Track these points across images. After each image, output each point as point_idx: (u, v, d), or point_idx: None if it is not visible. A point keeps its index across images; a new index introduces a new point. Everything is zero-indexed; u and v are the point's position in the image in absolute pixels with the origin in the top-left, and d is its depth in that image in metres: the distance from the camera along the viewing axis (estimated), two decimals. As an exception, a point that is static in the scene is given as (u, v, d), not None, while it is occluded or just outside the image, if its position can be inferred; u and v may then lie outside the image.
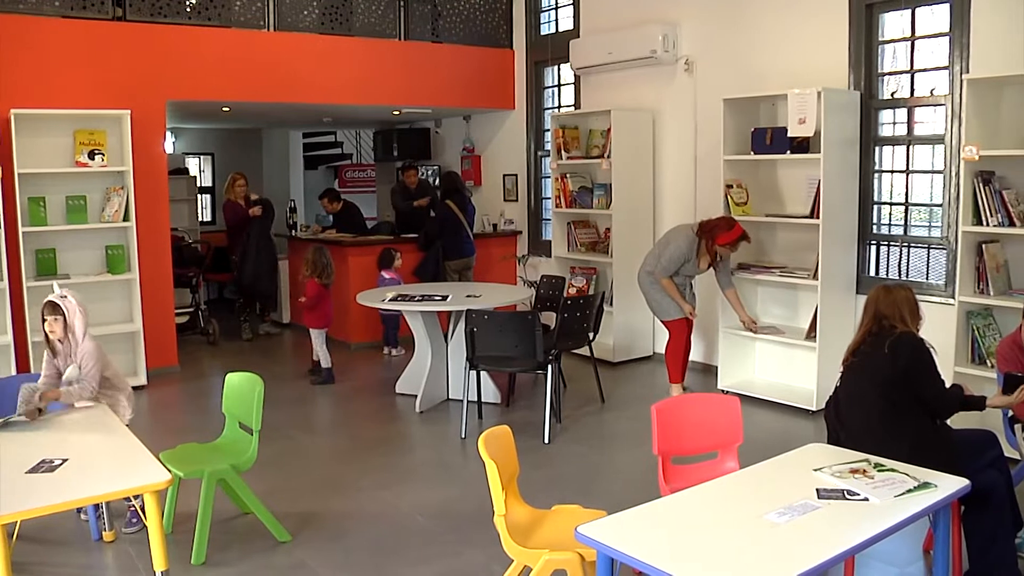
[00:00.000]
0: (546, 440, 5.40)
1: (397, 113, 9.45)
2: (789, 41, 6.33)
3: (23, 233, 6.28)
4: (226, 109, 8.51)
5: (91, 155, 6.51)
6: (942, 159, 5.58)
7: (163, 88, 6.97)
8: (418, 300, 6.19)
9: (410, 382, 6.48)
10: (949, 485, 2.73)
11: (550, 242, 8.23)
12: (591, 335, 6.23)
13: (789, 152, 5.99)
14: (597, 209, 7.62)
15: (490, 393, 6.22)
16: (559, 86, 8.81)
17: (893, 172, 6.01)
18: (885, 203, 6.06)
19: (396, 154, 10.62)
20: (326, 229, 9.16)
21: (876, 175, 6.04)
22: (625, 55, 7.41)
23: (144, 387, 6.78)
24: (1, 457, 3.15)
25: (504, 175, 9.36)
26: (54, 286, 4.14)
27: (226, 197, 8.53)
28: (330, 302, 7.05)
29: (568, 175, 7.81)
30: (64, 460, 3.10)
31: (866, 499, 2.62)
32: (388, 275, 7.72)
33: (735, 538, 2.39)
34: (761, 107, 6.38)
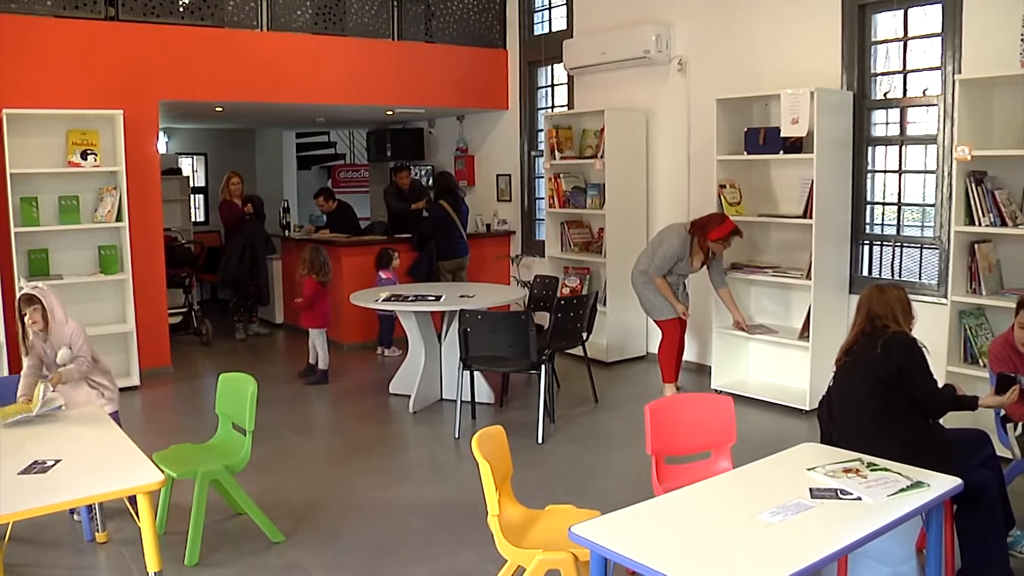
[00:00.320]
0: (540, 440, 5.40)
1: (390, 113, 9.44)
2: (782, 41, 6.34)
3: (15, 233, 6.25)
4: (219, 109, 8.49)
5: (84, 155, 6.49)
6: (935, 159, 5.60)
7: (156, 88, 6.96)
8: (412, 300, 6.18)
9: (404, 382, 6.48)
10: (942, 484, 2.74)
11: (543, 242, 8.23)
12: (584, 335, 6.23)
13: (782, 152, 6.01)
14: (590, 209, 7.62)
15: (484, 393, 6.22)
16: (552, 86, 8.81)
17: (886, 172, 6.02)
18: (878, 203, 6.08)
19: (389, 154, 10.60)
20: (320, 229, 9.15)
21: (869, 175, 6.06)
22: (618, 55, 7.41)
23: (137, 388, 6.76)
24: (-7, 458, 3.13)
25: (498, 175, 9.36)
26: (21, 284, 4.16)
27: (222, 196, 8.52)
28: (328, 301, 7.04)
29: (561, 175, 7.81)
30: (57, 461, 3.09)
31: (859, 498, 2.63)
32: (386, 275, 7.71)
33: (729, 538, 2.40)
34: (754, 107, 6.39)
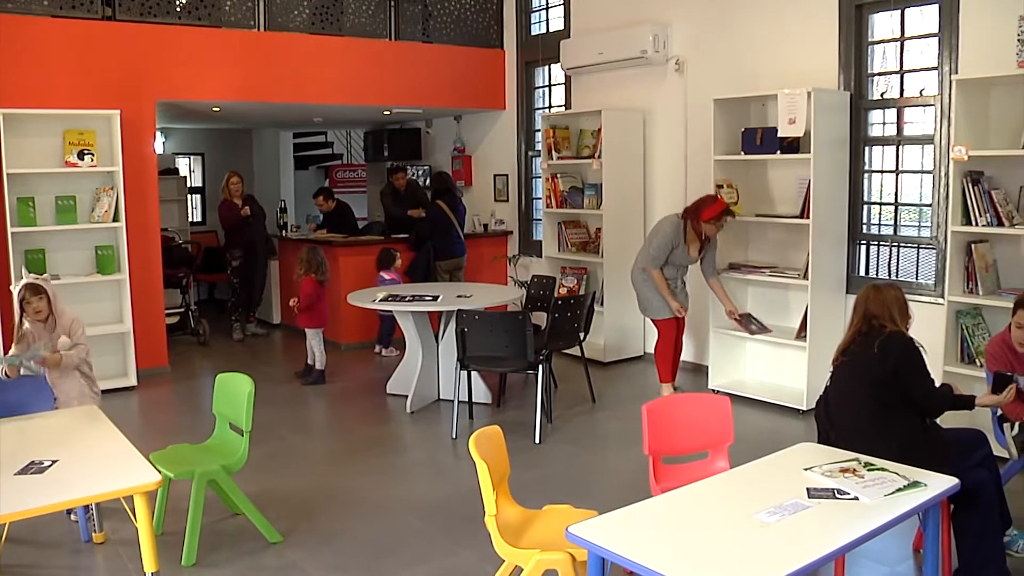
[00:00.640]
0: (537, 440, 5.40)
1: (388, 113, 9.43)
2: (779, 41, 6.35)
3: (12, 233, 6.25)
4: (216, 109, 8.48)
5: (80, 155, 6.48)
6: (931, 159, 5.60)
7: (153, 88, 6.95)
8: (409, 300, 6.18)
9: (401, 382, 6.48)
10: (939, 484, 2.74)
11: (541, 242, 8.23)
12: (582, 335, 6.23)
13: (779, 152, 6.01)
14: (588, 209, 7.62)
15: (481, 393, 6.22)
16: (550, 86, 8.82)
17: (883, 172, 6.03)
18: (875, 203, 6.08)
19: (387, 154, 10.59)
20: (317, 229, 9.14)
21: (866, 175, 6.07)
22: (616, 55, 7.42)
23: (134, 388, 6.76)
24: (-10, 458, 3.13)
25: (495, 175, 9.36)
26: (23, 274, 4.38)
27: (222, 196, 8.50)
28: (325, 301, 7.04)
29: (559, 175, 7.81)
30: (54, 461, 3.09)
31: (856, 498, 2.63)
32: (388, 276, 7.69)
33: (726, 538, 2.40)
34: (751, 107, 6.39)
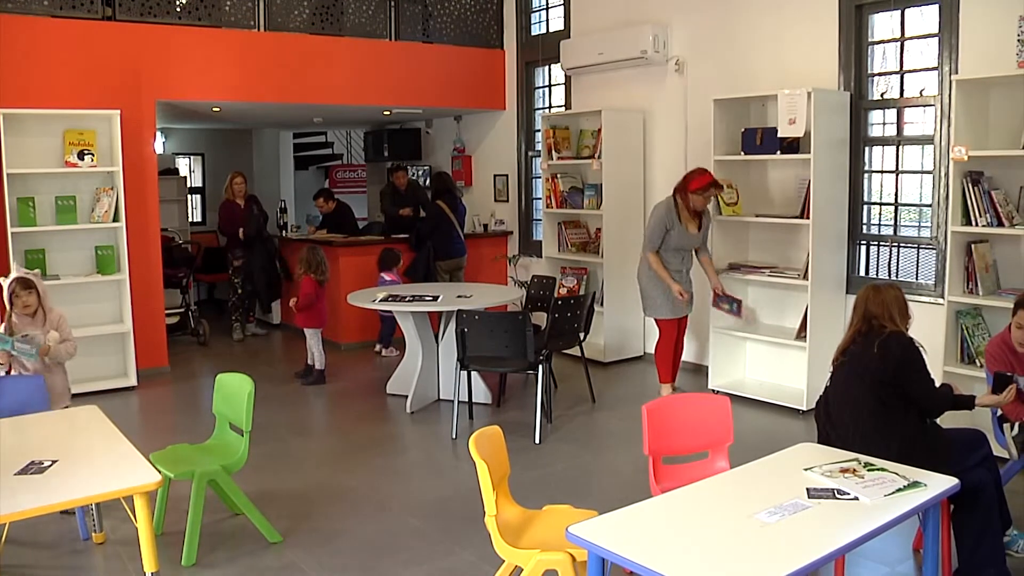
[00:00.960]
0: (537, 440, 5.40)
1: (388, 113, 9.43)
2: (779, 42, 6.35)
3: (12, 233, 6.25)
4: (216, 109, 8.48)
5: (80, 155, 6.48)
6: (931, 159, 5.60)
7: (153, 88, 6.95)
8: (409, 300, 6.18)
9: (401, 383, 6.48)
10: (939, 484, 2.74)
11: (541, 242, 8.22)
12: (582, 335, 6.23)
13: (779, 152, 6.01)
14: (588, 209, 7.62)
15: (481, 393, 6.22)
16: (550, 86, 8.82)
17: (883, 172, 6.03)
18: (875, 203, 6.08)
19: (387, 154, 10.59)
20: (317, 230, 9.14)
21: (866, 175, 6.07)
22: (616, 55, 7.41)
23: (134, 388, 6.76)
24: (-10, 458, 3.13)
25: (495, 175, 9.36)
26: (12, 267, 4.46)
27: (224, 196, 8.49)
28: (325, 301, 7.03)
29: (559, 175, 7.81)
30: (53, 461, 3.09)
31: (856, 498, 2.63)
32: (390, 277, 7.67)
33: (726, 538, 2.40)
34: (751, 107, 6.39)
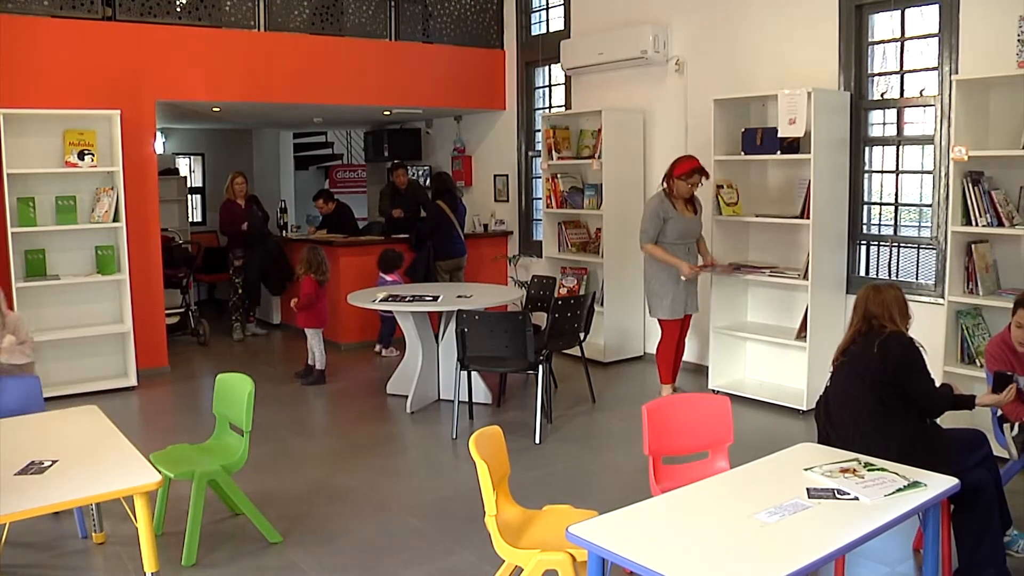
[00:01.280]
0: (537, 440, 5.40)
1: (388, 113, 9.43)
2: (779, 42, 6.35)
3: (12, 234, 6.25)
4: (216, 109, 8.48)
5: (81, 155, 6.48)
6: (932, 159, 5.60)
7: (153, 88, 6.95)
8: (409, 300, 6.18)
9: (401, 383, 6.48)
10: (939, 484, 2.74)
11: (541, 242, 8.23)
12: (582, 335, 6.23)
13: (779, 152, 6.01)
14: (588, 209, 7.62)
15: (481, 393, 6.21)
16: (550, 86, 8.82)
17: (883, 172, 6.03)
18: (875, 203, 6.08)
19: (387, 154, 10.59)
20: (317, 230, 9.14)
21: (866, 175, 6.07)
22: (616, 55, 7.41)
23: (134, 388, 6.76)
24: (-11, 459, 3.13)
25: (495, 175, 9.36)
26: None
27: (225, 196, 8.48)
28: (325, 301, 7.03)
29: (559, 175, 7.81)
30: (54, 461, 3.09)
31: (856, 498, 2.63)
32: (391, 278, 7.67)
33: (726, 538, 2.40)
34: (751, 107, 6.39)
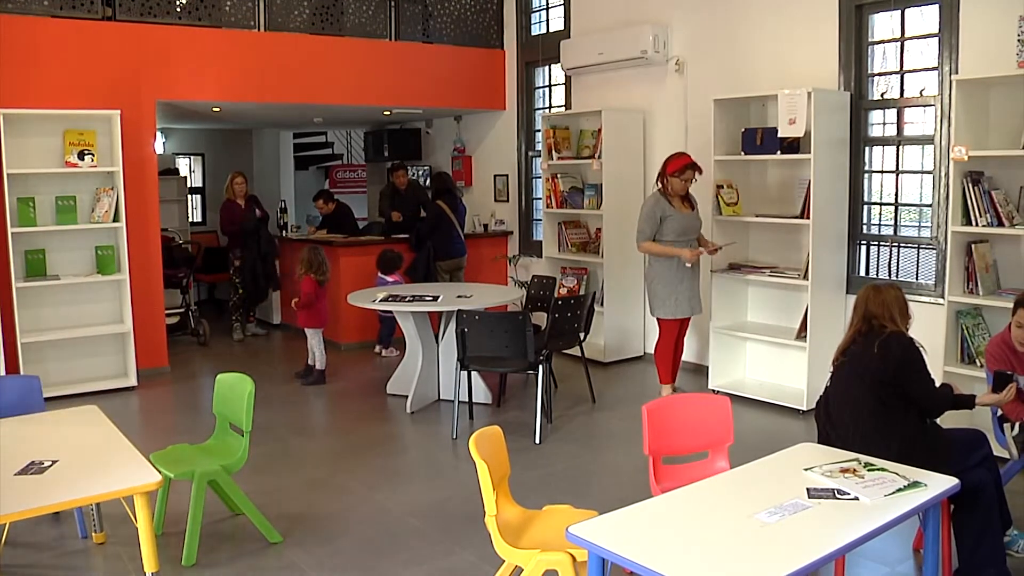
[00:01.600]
0: (537, 440, 5.40)
1: (388, 113, 9.43)
2: (779, 42, 6.35)
3: (12, 234, 6.25)
4: (216, 109, 8.48)
5: (81, 155, 6.48)
6: (932, 159, 5.60)
7: (153, 88, 6.95)
8: (409, 300, 6.18)
9: (401, 383, 6.48)
10: (939, 484, 2.74)
11: (541, 242, 8.22)
12: (582, 335, 6.23)
13: (779, 152, 6.01)
14: (588, 209, 7.62)
15: (481, 393, 6.22)
16: (550, 86, 8.82)
17: (883, 172, 6.03)
18: (875, 203, 6.08)
19: (387, 154, 10.59)
20: (317, 230, 9.14)
21: (866, 175, 6.07)
22: (616, 55, 7.41)
23: (134, 388, 6.76)
24: (-10, 459, 3.13)
25: (495, 175, 9.36)
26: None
27: (225, 196, 8.48)
28: (326, 301, 7.03)
29: (559, 175, 7.81)
30: (54, 461, 3.09)
31: (856, 498, 2.63)
32: (391, 279, 7.67)
33: (726, 538, 2.40)
34: (751, 107, 6.39)
